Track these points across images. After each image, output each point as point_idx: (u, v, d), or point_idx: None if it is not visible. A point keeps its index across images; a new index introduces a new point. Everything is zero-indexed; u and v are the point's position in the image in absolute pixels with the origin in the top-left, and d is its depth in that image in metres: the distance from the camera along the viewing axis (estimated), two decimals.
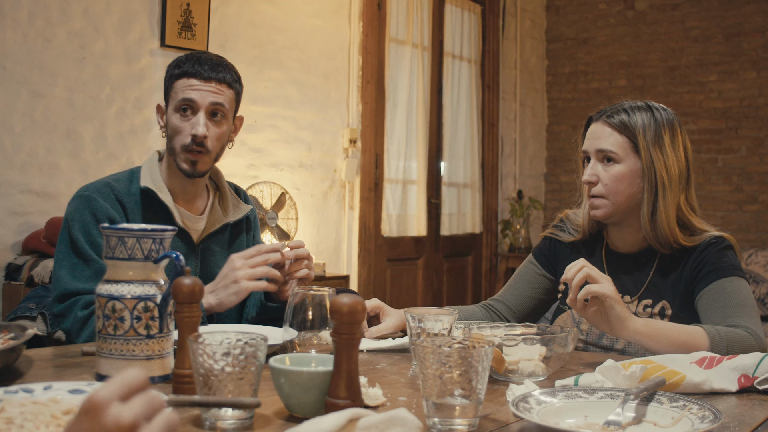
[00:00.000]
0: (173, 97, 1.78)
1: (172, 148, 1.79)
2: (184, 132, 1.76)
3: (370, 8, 4.62)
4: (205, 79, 1.76)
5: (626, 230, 1.76)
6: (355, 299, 1.01)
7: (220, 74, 1.77)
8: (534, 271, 1.90)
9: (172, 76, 1.78)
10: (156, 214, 1.77)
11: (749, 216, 5.66)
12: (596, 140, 1.72)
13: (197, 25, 3.66)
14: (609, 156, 1.70)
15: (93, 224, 1.68)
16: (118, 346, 1.20)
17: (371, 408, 1.11)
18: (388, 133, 4.82)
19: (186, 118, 1.76)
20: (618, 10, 6.18)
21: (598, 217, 1.74)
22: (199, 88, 1.75)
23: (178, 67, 1.78)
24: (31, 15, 3.11)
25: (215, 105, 1.76)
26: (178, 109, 1.76)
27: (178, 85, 1.77)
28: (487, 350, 1.00)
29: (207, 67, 1.77)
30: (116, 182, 1.78)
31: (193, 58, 1.79)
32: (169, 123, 1.79)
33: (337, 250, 4.53)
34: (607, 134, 1.71)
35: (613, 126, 1.71)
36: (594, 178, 1.71)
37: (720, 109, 5.76)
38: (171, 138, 1.79)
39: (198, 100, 1.75)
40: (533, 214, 6.19)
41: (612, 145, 1.70)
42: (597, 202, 1.72)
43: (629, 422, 1.08)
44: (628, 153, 1.70)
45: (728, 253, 1.68)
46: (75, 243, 1.67)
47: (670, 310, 1.69)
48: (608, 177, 1.70)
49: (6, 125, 3.04)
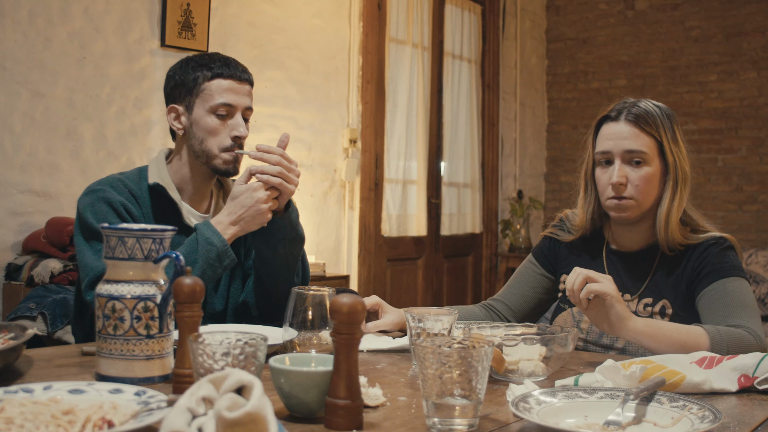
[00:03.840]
0: (206, 98, 1.76)
1: (205, 149, 1.77)
2: (222, 133, 1.76)
3: (370, 8, 4.62)
4: (240, 80, 1.78)
5: (636, 229, 1.76)
6: (354, 299, 1.01)
7: (248, 76, 1.81)
8: (534, 270, 1.90)
9: (200, 76, 1.77)
10: (164, 211, 1.77)
11: (749, 216, 5.66)
12: (623, 141, 1.69)
13: (197, 25, 3.67)
14: (638, 157, 1.68)
15: (109, 211, 1.67)
16: (118, 346, 1.20)
17: (371, 408, 1.11)
18: (388, 133, 4.82)
19: (223, 120, 1.76)
20: (618, 10, 6.18)
21: (628, 219, 1.72)
22: (237, 90, 1.77)
23: (207, 68, 1.77)
24: (31, 15, 3.11)
25: (248, 109, 1.80)
26: (214, 111, 1.76)
27: (212, 87, 1.76)
28: (487, 350, 1.00)
29: (240, 68, 1.79)
30: (126, 178, 1.78)
31: (217, 59, 1.79)
32: (201, 124, 1.77)
33: (337, 250, 4.53)
34: (634, 135, 1.69)
35: (639, 126, 1.69)
36: (624, 180, 1.69)
37: (720, 109, 5.76)
38: (202, 140, 1.77)
39: (236, 103, 1.77)
40: (533, 214, 6.19)
41: (642, 146, 1.68)
42: (626, 203, 1.70)
43: (629, 422, 1.08)
44: (655, 154, 1.70)
45: (729, 253, 1.68)
46: (92, 228, 1.65)
47: (671, 309, 1.69)
48: (639, 179, 1.68)
49: (6, 125, 3.04)
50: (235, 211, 1.68)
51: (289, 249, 1.79)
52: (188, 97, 1.78)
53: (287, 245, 1.78)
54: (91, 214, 1.66)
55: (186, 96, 1.79)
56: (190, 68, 1.78)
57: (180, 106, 1.80)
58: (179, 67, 1.81)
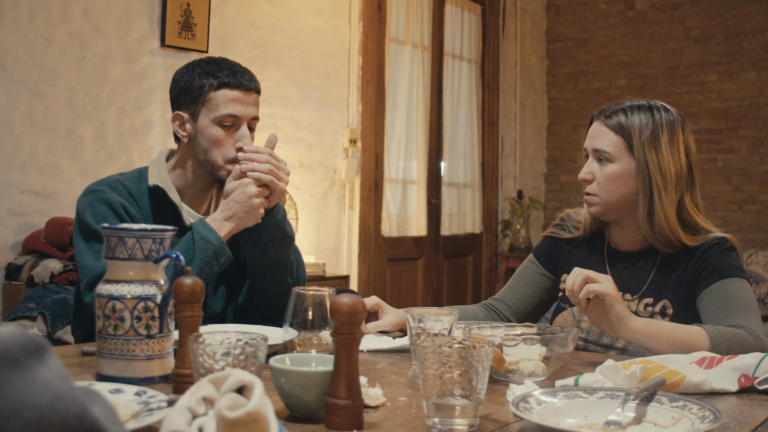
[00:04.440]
0: (211, 108, 1.74)
1: (210, 160, 1.76)
2: (226, 144, 1.75)
3: (370, 8, 4.62)
4: (247, 90, 1.76)
5: (626, 229, 1.77)
6: (355, 299, 1.01)
7: (256, 84, 1.79)
8: (534, 270, 1.90)
9: (207, 85, 1.74)
10: (164, 213, 1.77)
11: (749, 216, 5.66)
12: (594, 139, 1.75)
13: (197, 25, 3.67)
14: (603, 155, 1.72)
15: (109, 212, 1.67)
16: (118, 346, 1.20)
17: (371, 408, 1.11)
18: (388, 133, 4.82)
19: (228, 131, 1.75)
20: (618, 10, 6.18)
21: (592, 214, 1.77)
22: (243, 101, 1.75)
23: (214, 76, 1.74)
24: (31, 15, 3.11)
25: (254, 119, 1.79)
26: (219, 122, 1.74)
27: (218, 97, 1.73)
28: (487, 350, 1.00)
29: (247, 77, 1.77)
30: (126, 179, 1.78)
31: (224, 67, 1.75)
32: (206, 134, 1.75)
33: (337, 250, 4.53)
34: (603, 134, 1.73)
35: (609, 126, 1.73)
36: (589, 176, 1.74)
37: (720, 109, 5.76)
38: (206, 150, 1.75)
39: (242, 114, 1.75)
40: (533, 214, 6.19)
41: (606, 145, 1.72)
42: (590, 199, 1.75)
43: (629, 422, 1.08)
44: (622, 153, 1.71)
45: (731, 254, 1.68)
46: (91, 229, 1.64)
47: (671, 309, 1.69)
48: (602, 176, 1.72)
49: (6, 125, 3.04)
50: (229, 207, 1.68)
51: (278, 249, 1.78)
52: (194, 105, 1.76)
53: (276, 245, 1.77)
54: (90, 214, 1.66)
55: (191, 104, 1.76)
56: (197, 75, 1.75)
57: (185, 114, 1.77)
58: (185, 72, 1.78)
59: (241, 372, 0.82)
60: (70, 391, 0.57)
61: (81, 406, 0.57)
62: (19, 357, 0.56)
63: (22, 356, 0.56)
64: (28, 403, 0.54)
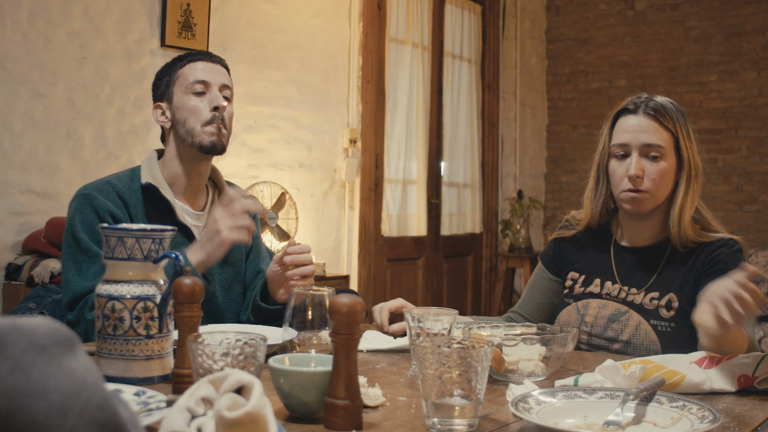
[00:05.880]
0: (181, 82, 1.82)
1: (189, 129, 1.80)
2: (202, 110, 1.80)
3: (370, 8, 4.62)
4: (212, 61, 1.86)
5: (647, 223, 1.77)
6: (354, 299, 1.01)
7: (221, 60, 1.89)
8: (543, 276, 1.92)
9: (176, 67, 1.84)
10: (158, 211, 1.77)
11: (749, 216, 5.66)
12: (641, 134, 1.70)
13: (197, 25, 3.67)
14: (656, 152, 1.70)
15: (95, 220, 1.68)
16: (118, 346, 1.20)
17: (371, 408, 1.11)
18: (388, 133, 4.81)
19: (201, 96, 1.81)
20: (618, 10, 6.18)
21: (642, 211, 1.72)
22: (210, 69, 1.84)
23: (180, 60, 1.86)
24: (31, 15, 3.11)
25: (225, 86, 1.84)
26: (190, 90, 1.81)
27: (186, 71, 1.82)
28: (487, 350, 1.00)
29: (212, 55, 1.88)
30: (117, 180, 1.78)
31: (192, 53, 1.88)
32: (182, 107, 1.81)
33: (337, 250, 4.53)
34: (653, 129, 1.70)
35: (658, 121, 1.71)
36: (641, 173, 1.69)
37: (720, 109, 5.76)
38: (185, 121, 1.80)
39: (211, 79, 1.82)
40: (533, 214, 6.18)
41: (660, 140, 1.70)
42: (642, 196, 1.70)
43: (629, 422, 1.08)
44: (671, 148, 1.71)
45: (738, 255, 1.70)
46: (78, 241, 1.66)
47: (677, 302, 1.70)
48: (655, 173, 1.69)
49: (6, 125, 3.04)
50: (203, 237, 1.71)
51: None
52: (168, 89, 1.84)
53: None
54: (79, 222, 1.68)
55: (166, 89, 1.85)
56: (167, 66, 1.87)
57: (163, 102, 1.85)
58: (160, 69, 1.89)
59: (240, 372, 0.82)
60: (96, 382, 0.59)
61: (104, 398, 0.59)
62: (46, 344, 0.58)
63: (49, 344, 0.58)
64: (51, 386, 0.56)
